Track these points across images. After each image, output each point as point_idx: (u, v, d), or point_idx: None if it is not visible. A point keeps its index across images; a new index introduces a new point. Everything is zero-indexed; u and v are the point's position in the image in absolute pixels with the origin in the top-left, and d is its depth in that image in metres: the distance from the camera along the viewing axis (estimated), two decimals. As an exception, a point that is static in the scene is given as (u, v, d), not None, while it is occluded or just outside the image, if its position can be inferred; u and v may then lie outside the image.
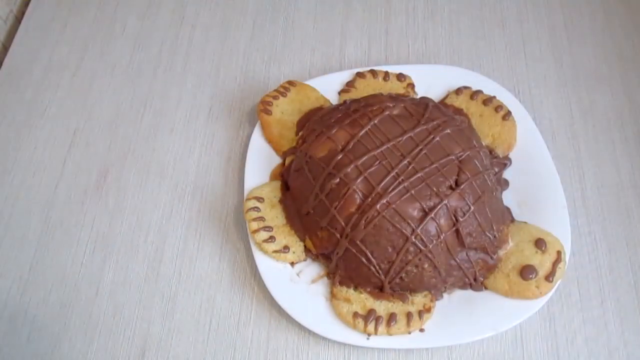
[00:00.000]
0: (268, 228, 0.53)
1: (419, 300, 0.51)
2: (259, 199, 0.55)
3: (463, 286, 0.53)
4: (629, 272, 0.57)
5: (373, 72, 0.63)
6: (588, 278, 0.56)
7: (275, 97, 0.60)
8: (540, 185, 0.57)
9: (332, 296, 0.52)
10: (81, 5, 0.72)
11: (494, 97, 0.61)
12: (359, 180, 0.50)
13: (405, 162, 0.51)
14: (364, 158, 0.51)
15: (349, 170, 0.50)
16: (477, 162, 0.52)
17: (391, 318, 0.50)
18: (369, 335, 0.50)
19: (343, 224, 0.50)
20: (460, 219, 0.50)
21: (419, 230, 0.49)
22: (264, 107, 0.60)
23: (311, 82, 0.63)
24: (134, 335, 0.53)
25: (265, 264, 0.53)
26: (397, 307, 0.51)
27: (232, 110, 0.65)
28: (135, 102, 0.65)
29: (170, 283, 0.55)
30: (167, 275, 0.56)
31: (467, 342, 0.52)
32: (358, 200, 0.49)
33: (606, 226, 0.59)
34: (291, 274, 0.53)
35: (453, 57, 0.69)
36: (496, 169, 0.57)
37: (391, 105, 0.55)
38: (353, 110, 0.55)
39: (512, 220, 0.56)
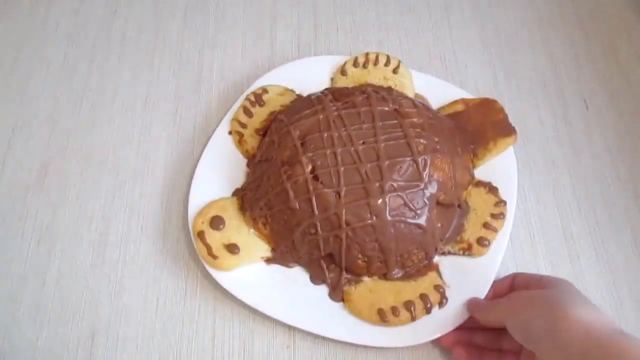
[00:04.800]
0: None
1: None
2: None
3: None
4: (556, 218, 0.60)
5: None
6: (518, 227, 0.59)
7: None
8: None
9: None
10: (13, 5, 0.72)
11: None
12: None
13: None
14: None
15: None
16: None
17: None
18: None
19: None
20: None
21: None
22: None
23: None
24: (83, 320, 0.54)
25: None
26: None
27: (167, 98, 0.66)
28: (72, 96, 0.66)
29: (116, 266, 0.56)
30: (112, 259, 0.57)
31: None
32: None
33: (533, 177, 0.62)
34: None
35: (380, 31, 0.71)
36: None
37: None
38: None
39: None
